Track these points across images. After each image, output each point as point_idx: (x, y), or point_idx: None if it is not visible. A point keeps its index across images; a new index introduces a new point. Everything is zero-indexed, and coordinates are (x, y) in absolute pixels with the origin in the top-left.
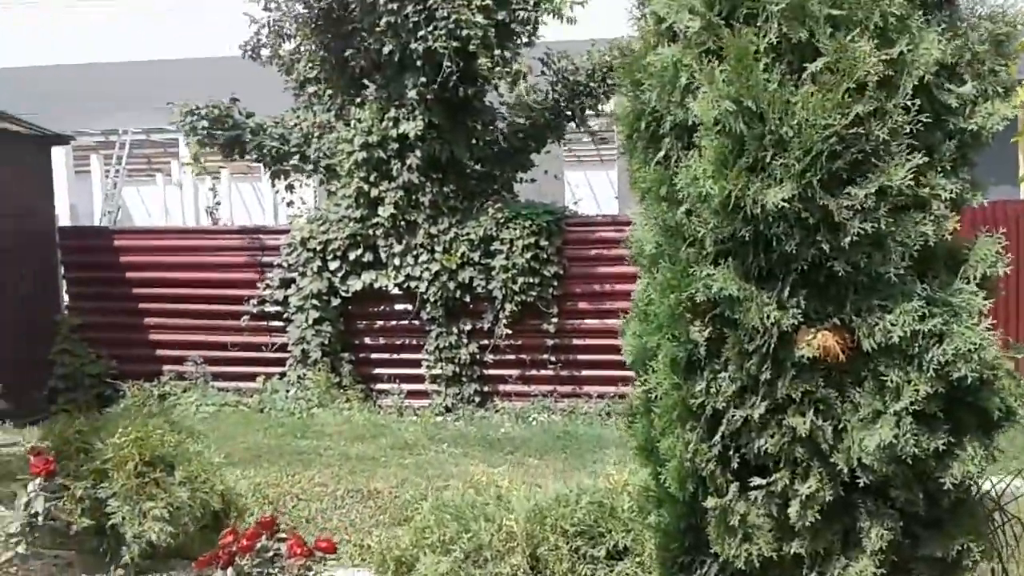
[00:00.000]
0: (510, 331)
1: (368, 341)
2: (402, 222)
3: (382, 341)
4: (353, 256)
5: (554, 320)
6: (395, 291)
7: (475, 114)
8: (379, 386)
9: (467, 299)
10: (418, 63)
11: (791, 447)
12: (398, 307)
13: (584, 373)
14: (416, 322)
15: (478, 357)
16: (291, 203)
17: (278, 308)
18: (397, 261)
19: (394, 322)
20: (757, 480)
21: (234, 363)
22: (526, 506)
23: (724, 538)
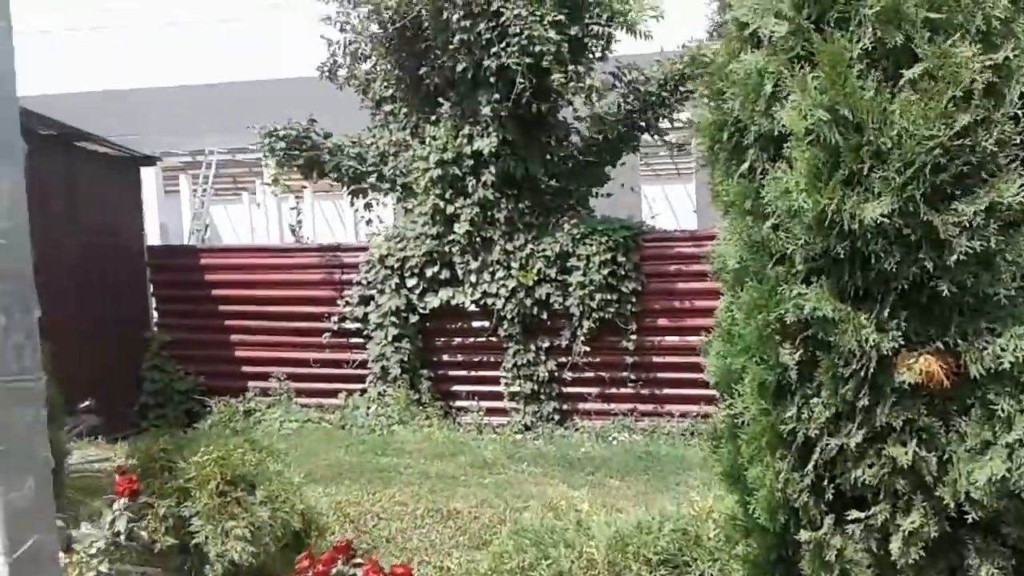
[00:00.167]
0: (588, 348)
1: (446, 358)
2: (478, 239)
3: (460, 358)
4: (430, 273)
5: (633, 337)
6: (472, 308)
7: (549, 129)
8: (458, 403)
9: (544, 316)
10: (491, 80)
11: (891, 479)
12: (475, 324)
13: (665, 391)
14: (493, 339)
15: (556, 375)
16: (370, 221)
17: (358, 325)
18: (473, 278)
19: (472, 339)
20: (855, 513)
21: (317, 379)
22: (607, 533)
23: (819, 573)
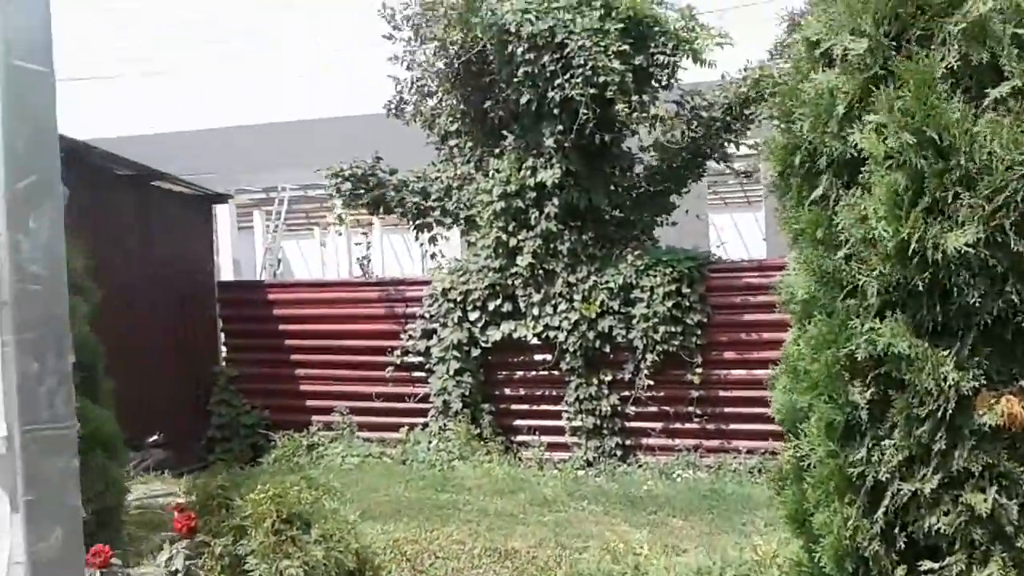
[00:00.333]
0: (652, 382)
1: (508, 392)
2: (540, 271)
3: (522, 392)
4: (492, 306)
5: (698, 370)
6: (534, 341)
7: (613, 160)
8: (519, 438)
9: (607, 349)
10: (555, 111)
11: (968, 527)
12: (537, 357)
13: (732, 427)
14: (555, 372)
15: (619, 409)
16: (434, 255)
17: (420, 359)
18: (536, 311)
19: (533, 372)
20: (928, 563)
21: (379, 413)
22: None
23: None
